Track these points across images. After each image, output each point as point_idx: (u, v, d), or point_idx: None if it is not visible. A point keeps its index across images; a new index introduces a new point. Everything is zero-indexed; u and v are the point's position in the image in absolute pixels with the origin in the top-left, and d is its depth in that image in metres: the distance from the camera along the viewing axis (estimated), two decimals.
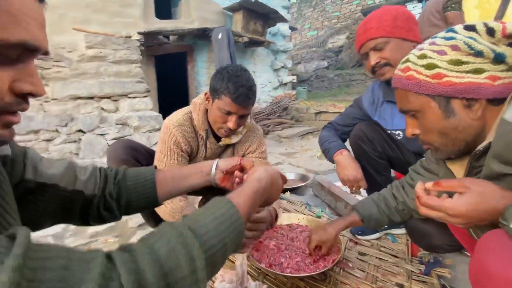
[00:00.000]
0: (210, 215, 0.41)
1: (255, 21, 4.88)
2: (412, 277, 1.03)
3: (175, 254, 0.33)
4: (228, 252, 0.42)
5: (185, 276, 0.33)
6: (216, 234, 0.39)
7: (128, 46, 3.45)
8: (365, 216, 0.95)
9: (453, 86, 0.57)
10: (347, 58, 9.10)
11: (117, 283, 0.28)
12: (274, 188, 0.58)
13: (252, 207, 0.50)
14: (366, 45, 1.08)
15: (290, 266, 1.00)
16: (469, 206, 0.50)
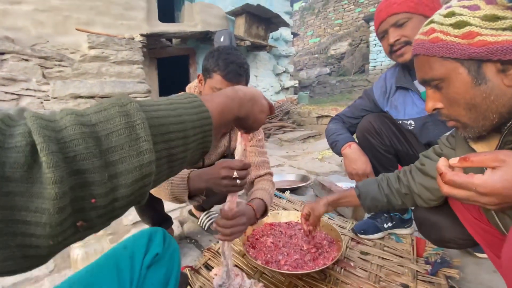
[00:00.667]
0: (164, 98, 0.36)
1: (258, 25, 4.91)
2: (418, 278, 0.96)
3: (107, 111, 0.27)
4: (189, 138, 0.34)
5: (118, 129, 0.27)
6: (165, 108, 0.33)
7: (131, 47, 3.47)
8: (362, 192, 0.88)
9: (487, 46, 0.49)
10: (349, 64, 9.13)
11: (23, 127, 0.23)
12: (256, 105, 0.50)
13: (224, 109, 0.42)
14: (387, 21, 1.01)
15: (288, 263, 0.95)
16: (505, 182, 0.42)
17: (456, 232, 0.80)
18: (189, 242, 1.34)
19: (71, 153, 0.24)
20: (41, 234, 0.22)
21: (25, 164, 0.22)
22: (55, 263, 1.23)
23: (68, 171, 0.23)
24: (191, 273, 1.01)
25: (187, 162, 0.36)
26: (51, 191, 0.22)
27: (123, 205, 0.28)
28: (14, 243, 0.22)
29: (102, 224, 0.27)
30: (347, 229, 1.33)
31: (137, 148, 0.27)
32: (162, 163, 0.31)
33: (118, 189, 0.26)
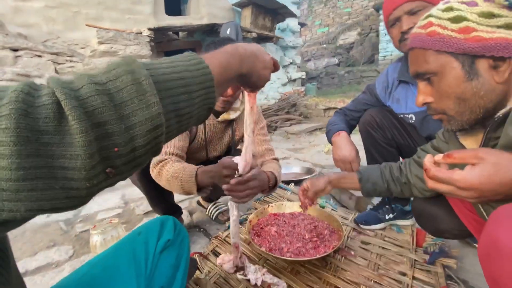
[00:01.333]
0: (165, 58, 0.38)
1: (264, 16, 4.86)
2: (416, 266, 1.00)
3: (115, 70, 0.30)
4: (193, 93, 0.36)
5: (126, 86, 0.29)
6: (168, 66, 0.35)
7: (138, 41, 3.52)
8: (364, 176, 0.91)
9: (482, 42, 0.51)
10: (359, 54, 8.95)
11: (47, 89, 0.27)
12: (258, 61, 0.49)
13: (226, 66, 0.42)
14: (401, 8, 1.00)
15: (290, 251, 1.00)
16: (482, 178, 0.45)
17: (452, 223, 0.84)
18: (198, 231, 1.41)
19: (90, 108, 0.27)
20: (79, 178, 0.26)
21: (54, 118, 0.25)
22: (74, 249, 1.33)
23: (90, 123, 0.26)
24: (200, 259, 1.08)
25: (195, 118, 0.38)
26: (80, 139, 0.25)
27: (142, 154, 0.31)
28: (58, 185, 0.25)
29: (128, 172, 0.31)
30: (350, 220, 1.37)
31: (146, 102, 0.30)
32: (170, 117, 0.33)
33: (135, 139, 0.30)
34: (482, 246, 0.45)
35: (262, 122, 1.25)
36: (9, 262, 0.45)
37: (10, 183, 0.23)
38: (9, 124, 0.23)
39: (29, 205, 0.24)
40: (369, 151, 1.23)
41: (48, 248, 1.33)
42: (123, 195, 1.95)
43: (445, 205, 0.83)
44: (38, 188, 0.24)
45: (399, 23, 1.03)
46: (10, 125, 0.23)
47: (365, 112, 1.23)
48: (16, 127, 0.23)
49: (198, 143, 1.21)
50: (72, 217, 1.65)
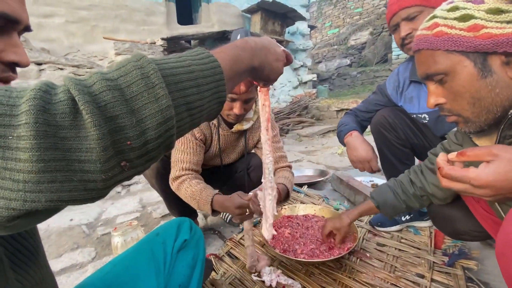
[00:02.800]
0: (174, 54, 0.38)
1: (274, 21, 4.91)
2: (434, 268, 0.98)
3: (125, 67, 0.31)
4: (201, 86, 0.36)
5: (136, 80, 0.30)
6: (176, 61, 0.36)
7: (153, 51, 3.65)
8: (380, 202, 0.91)
9: (493, 39, 0.50)
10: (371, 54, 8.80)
11: (62, 87, 0.28)
12: (270, 54, 0.49)
13: (236, 60, 0.42)
14: (398, 15, 1.02)
15: (304, 252, 1.01)
16: (498, 175, 0.44)
17: (470, 224, 0.81)
18: (213, 233, 1.44)
19: (102, 103, 0.28)
20: (94, 170, 0.27)
21: (70, 114, 0.26)
22: (96, 251, 1.39)
23: (103, 117, 0.27)
24: (215, 260, 1.11)
25: (206, 112, 0.38)
26: (94, 133, 0.27)
27: (155, 147, 0.32)
28: (76, 178, 0.27)
29: (142, 165, 0.32)
30: (364, 222, 1.35)
31: (155, 95, 0.31)
32: (181, 110, 0.34)
33: (147, 132, 0.30)
34: (499, 245, 0.44)
35: (275, 129, 1.28)
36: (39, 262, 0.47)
37: (32, 175, 0.24)
38: (29, 119, 0.25)
39: (49, 196, 0.26)
40: (383, 152, 1.21)
41: (72, 250, 1.40)
42: (140, 199, 2.02)
43: (462, 206, 0.81)
44: (57, 180, 0.26)
45: (399, 28, 1.04)
46: (30, 120, 0.24)
47: (377, 113, 1.22)
48: (35, 121, 0.25)
49: (212, 152, 1.26)
50: (94, 221, 1.73)
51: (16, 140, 0.25)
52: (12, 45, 0.40)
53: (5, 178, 0.25)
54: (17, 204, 0.25)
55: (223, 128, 1.22)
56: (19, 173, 0.25)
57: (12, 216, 0.25)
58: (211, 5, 4.80)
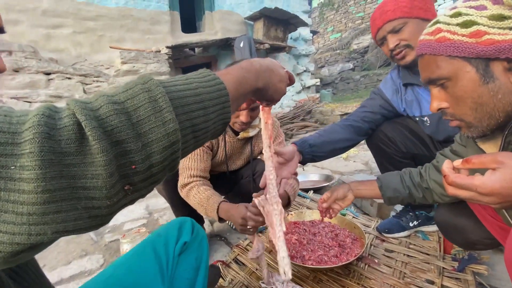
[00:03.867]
0: (180, 76, 0.39)
1: (276, 27, 4.97)
2: (444, 274, 0.97)
3: (132, 89, 0.31)
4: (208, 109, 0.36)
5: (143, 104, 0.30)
6: (183, 83, 0.36)
7: (158, 59, 3.71)
8: (383, 183, 0.88)
9: (495, 45, 0.50)
10: (374, 58, 8.82)
11: (67, 110, 0.27)
12: (274, 75, 0.50)
13: (242, 81, 0.43)
14: (383, 29, 1.04)
15: (312, 258, 1.00)
16: (503, 182, 0.44)
17: (481, 233, 0.79)
18: (219, 240, 1.44)
19: (108, 127, 0.27)
20: (100, 196, 0.27)
21: (76, 140, 0.26)
22: (104, 258, 1.40)
23: (109, 142, 0.27)
24: (222, 267, 1.11)
25: (211, 133, 0.38)
26: (100, 159, 0.26)
27: (159, 171, 0.31)
28: (81, 206, 0.26)
29: (146, 188, 0.31)
30: (372, 227, 1.35)
31: (162, 119, 0.30)
32: (187, 133, 0.34)
33: (152, 156, 0.30)
34: (508, 252, 0.44)
35: (280, 137, 1.29)
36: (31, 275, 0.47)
37: (37, 207, 0.23)
38: (33, 148, 0.23)
39: (55, 227, 0.25)
40: (384, 166, 1.21)
41: (81, 257, 1.42)
42: (147, 205, 2.03)
43: (471, 214, 0.80)
44: (62, 210, 0.25)
45: (386, 41, 1.06)
46: (35, 149, 0.23)
47: (374, 131, 1.21)
48: (40, 150, 0.24)
49: (219, 159, 1.28)
50: (101, 228, 1.74)
51: (19, 170, 0.23)
52: None
53: (7, 211, 0.23)
54: (21, 238, 0.24)
55: (229, 135, 1.24)
56: (22, 206, 0.23)
57: (16, 251, 0.24)
58: (214, 13, 4.88)
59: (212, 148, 1.24)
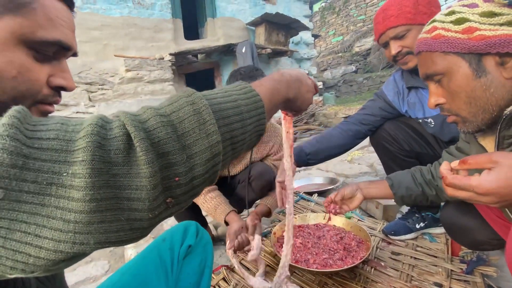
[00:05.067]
0: (219, 89, 0.39)
1: (277, 32, 5.01)
2: (453, 277, 0.95)
3: (177, 102, 0.32)
4: (246, 121, 0.37)
5: (188, 116, 0.31)
6: (223, 96, 0.37)
7: (161, 66, 3.77)
8: (395, 182, 0.87)
9: (485, 40, 0.53)
10: (376, 60, 8.81)
11: (118, 121, 0.28)
12: (303, 86, 0.51)
13: (274, 93, 0.44)
14: (386, 34, 1.02)
15: (316, 262, 0.99)
16: (499, 182, 0.45)
17: (488, 232, 0.79)
18: (223, 244, 1.44)
19: (155, 139, 0.28)
20: (143, 208, 0.27)
21: (124, 150, 0.26)
22: (109, 264, 1.41)
23: (155, 154, 0.27)
24: (227, 271, 1.10)
25: (247, 144, 0.39)
26: (146, 170, 0.26)
27: (200, 183, 0.32)
28: (124, 217, 0.26)
29: (185, 202, 0.31)
30: (378, 230, 1.33)
31: (206, 131, 0.31)
32: (226, 145, 0.34)
33: (195, 168, 0.30)
34: (509, 250, 0.43)
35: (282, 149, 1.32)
36: None
37: (83, 215, 0.23)
38: (86, 156, 0.24)
39: (98, 238, 0.25)
40: (388, 165, 1.20)
41: (86, 264, 1.42)
42: None
43: (477, 214, 0.79)
44: (106, 220, 0.25)
45: (388, 46, 1.05)
46: (87, 158, 0.24)
47: (377, 129, 1.21)
48: (92, 159, 0.24)
49: None
50: None
51: (71, 177, 0.24)
52: (61, 70, 0.41)
53: (55, 217, 0.23)
54: (66, 246, 0.24)
55: None
56: (70, 213, 0.23)
57: (58, 260, 0.24)
58: (216, 20, 4.95)
59: None
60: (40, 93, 0.39)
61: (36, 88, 0.38)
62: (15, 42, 0.35)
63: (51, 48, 0.39)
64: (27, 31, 0.36)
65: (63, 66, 0.42)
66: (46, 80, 0.39)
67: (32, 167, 0.23)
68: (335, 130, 1.24)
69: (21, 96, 0.37)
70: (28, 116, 0.26)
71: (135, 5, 4.11)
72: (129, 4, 4.07)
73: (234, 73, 1.13)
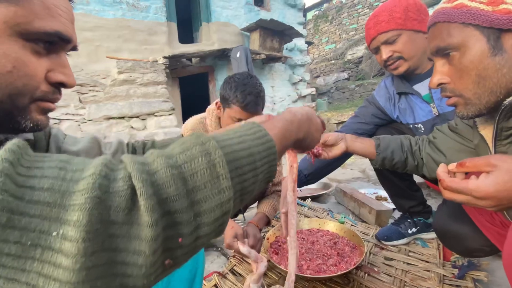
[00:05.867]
0: (232, 130, 0.37)
1: (272, 38, 5.06)
2: (445, 282, 0.95)
3: (190, 151, 0.29)
4: (258, 169, 0.35)
5: (201, 169, 0.28)
6: (238, 142, 0.34)
7: (155, 69, 3.73)
8: (382, 142, 0.85)
9: (510, 15, 0.49)
10: (368, 68, 8.99)
11: (123, 171, 0.25)
12: (313, 125, 0.50)
13: (286, 135, 0.42)
14: (377, 39, 1.04)
15: (310, 268, 0.98)
16: (497, 186, 0.44)
17: (480, 240, 0.78)
18: (216, 250, 1.41)
19: (163, 195, 0.25)
20: (137, 275, 0.23)
21: (126, 207, 0.23)
22: None
23: (161, 212, 0.24)
24: (219, 278, 1.08)
25: (253, 195, 0.36)
26: (148, 233, 0.23)
27: (203, 243, 0.29)
28: (114, 284, 0.23)
29: (184, 261, 0.29)
30: (371, 235, 1.33)
31: (218, 186, 0.28)
32: (236, 197, 0.31)
33: (201, 227, 0.28)
34: (506, 256, 0.43)
35: None
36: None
37: (69, 285, 0.20)
38: (81, 216, 0.21)
39: None
40: (381, 172, 1.22)
41: None
42: None
43: (469, 220, 0.79)
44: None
45: (379, 51, 1.07)
46: (82, 218, 0.21)
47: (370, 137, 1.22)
48: (88, 220, 0.21)
49: None
50: None
51: (60, 239, 0.21)
52: (61, 65, 0.38)
53: (36, 286, 0.20)
54: None
55: None
56: (55, 282, 0.20)
57: None
58: (211, 25, 4.97)
59: None
60: (38, 90, 0.36)
61: (33, 84, 0.35)
62: (9, 32, 0.32)
63: (49, 39, 0.36)
64: (23, 20, 0.33)
65: (62, 61, 0.39)
66: (44, 76, 0.37)
67: (17, 225, 0.20)
68: None
69: (17, 92, 0.34)
70: (25, 153, 0.23)
71: (129, 7, 4.08)
72: (123, 6, 4.05)
73: (228, 79, 1.12)
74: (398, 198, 1.27)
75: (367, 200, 1.62)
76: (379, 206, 1.50)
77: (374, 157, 0.88)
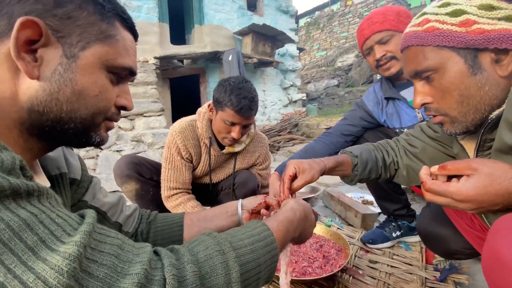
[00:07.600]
0: (246, 232, 0.43)
1: (264, 43, 5.10)
2: (427, 284, 0.97)
3: (212, 260, 0.35)
4: (262, 275, 0.41)
5: (219, 284, 0.34)
6: (251, 251, 0.40)
7: (145, 69, 3.69)
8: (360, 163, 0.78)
9: (484, 34, 0.49)
10: (357, 75, 9.19)
11: (160, 272, 0.31)
12: (308, 221, 0.55)
13: (287, 236, 0.48)
14: (371, 39, 1.07)
15: (296, 270, 0.98)
16: (478, 189, 0.44)
17: (461, 242, 0.80)
18: None
19: None
20: None
21: None
22: None
23: None
24: None
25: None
26: None
27: None
28: None
29: None
30: (356, 238, 1.34)
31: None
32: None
33: None
34: (485, 259, 0.44)
35: (268, 159, 1.33)
36: None
37: None
38: None
39: None
40: None
41: None
42: None
43: (451, 223, 0.81)
44: None
45: (372, 52, 1.10)
46: None
47: (357, 139, 1.24)
48: None
49: (201, 171, 1.27)
50: None
51: None
52: (125, 92, 0.47)
53: None
54: None
55: (214, 149, 1.23)
56: None
57: None
58: (204, 27, 4.96)
59: (192, 160, 1.22)
60: (109, 111, 0.45)
61: (109, 106, 0.44)
62: (100, 66, 0.41)
63: (124, 72, 0.45)
64: (111, 57, 0.42)
65: (126, 88, 0.47)
66: (114, 100, 0.45)
67: None
68: (318, 144, 1.25)
69: (98, 112, 0.42)
70: (93, 231, 0.29)
71: None
72: None
73: (223, 82, 1.12)
74: (383, 201, 1.29)
75: (353, 204, 1.64)
76: (365, 210, 1.52)
77: (348, 175, 0.81)
